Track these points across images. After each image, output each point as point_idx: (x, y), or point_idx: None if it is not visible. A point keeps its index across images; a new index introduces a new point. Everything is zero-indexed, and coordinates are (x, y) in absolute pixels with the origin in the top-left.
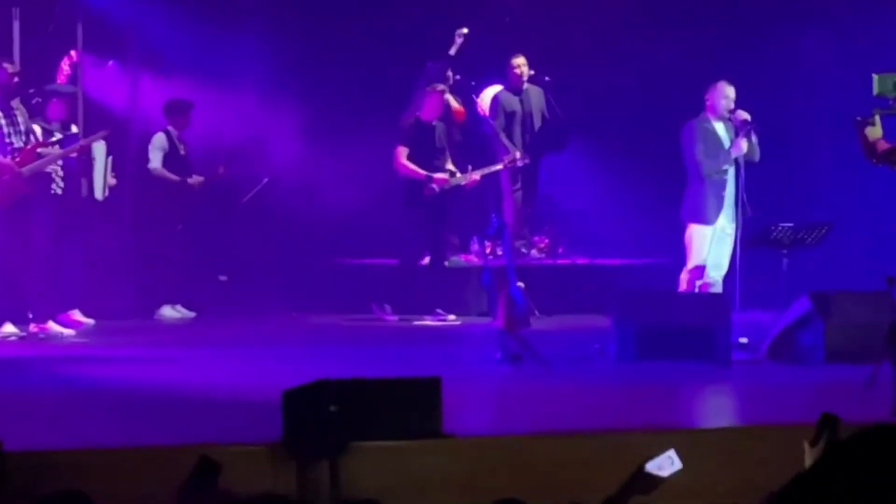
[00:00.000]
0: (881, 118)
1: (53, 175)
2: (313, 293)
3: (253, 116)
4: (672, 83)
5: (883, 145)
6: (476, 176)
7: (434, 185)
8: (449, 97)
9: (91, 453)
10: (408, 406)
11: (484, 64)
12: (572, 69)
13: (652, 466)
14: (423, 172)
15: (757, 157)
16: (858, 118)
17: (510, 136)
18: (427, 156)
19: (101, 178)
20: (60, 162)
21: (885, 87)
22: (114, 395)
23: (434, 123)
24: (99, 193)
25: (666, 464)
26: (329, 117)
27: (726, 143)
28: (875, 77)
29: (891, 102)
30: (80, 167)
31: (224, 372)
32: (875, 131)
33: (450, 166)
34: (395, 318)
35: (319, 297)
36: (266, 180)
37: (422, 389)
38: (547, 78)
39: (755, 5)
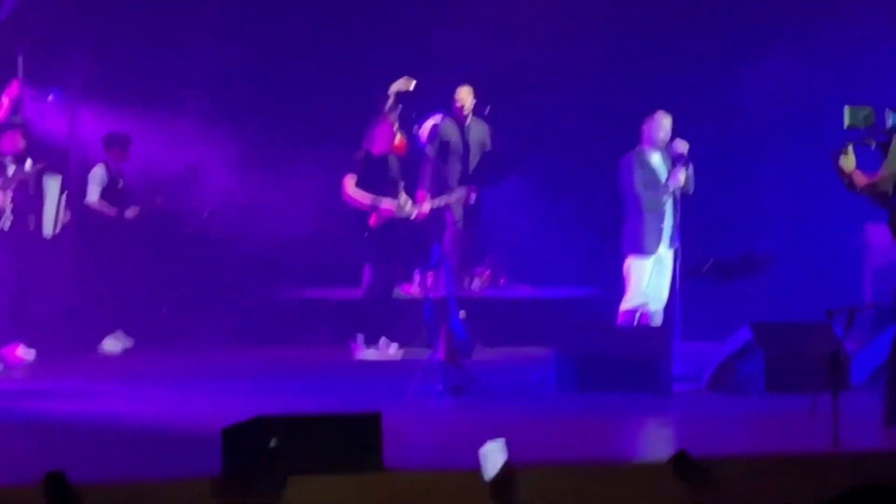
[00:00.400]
0: (854, 149)
1: (5, 210)
2: (256, 326)
3: (195, 146)
4: (612, 114)
5: (860, 177)
6: (426, 208)
7: (374, 218)
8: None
9: (23, 490)
10: (348, 441)
11: (430, 95)
12: (515, 100)
13: (490, 473)
14: (369, 201)
15: (692, 189)
16: (833, 150)
17: (445, 166)
18: (380, 188)
19: (52, 213)
20: (11, 195)
21: (855, 119)
22: (52, 430)
23: (388, 156)
24: (49, 229)
25: (495, 457)
26: (273, 147)
27: (663, 175)
28: (846, 109)
29: (863, 134)
30: (28, 202)
31: (164, 406)
32: (849, 162)
33: (403, 199)
34: (366, 349)
35: (262, 329)
36: (209, 212)
37: (362, 424)
38: (487, 109)
39: (694, 37)
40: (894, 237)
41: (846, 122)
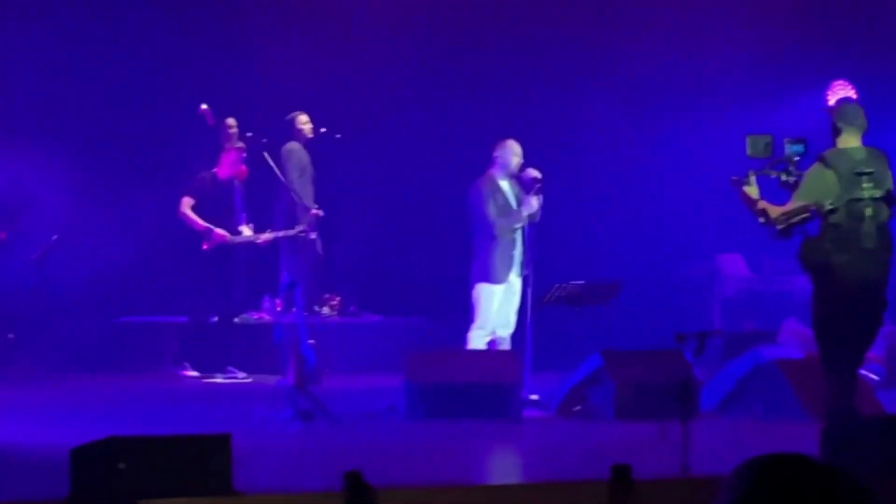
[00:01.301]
0: (756, 178)
1: None
2: (103, 351)
3: (33, 174)
4: (463, 139)
5: (773, 208)
6: (268, 237)
7: (207, 244)
8: None
9: None
10: (197, 463)
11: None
12: (360, 125)
13: None
14: (204, 224)
15: (538, 216)
16: (734, 178)
17: (303, 192)
18: (222, 214)
19: None
20: None
21: (756, 149)
22: None
23: (235, 182)
24: None
25: None
26: (111, 172)
27: (513, 201)
28: (748, 138)
29: (765, 163)
30: None
31: (12, 431)
32: (752, 190)
33: (245, 228)
34: (196, 374)
35: (110, 355)
36: (55, 237)
37: (211, 446)
38: (330, 134)
39: (543, 63)
40: (803, 268)
41: (748, 150)
